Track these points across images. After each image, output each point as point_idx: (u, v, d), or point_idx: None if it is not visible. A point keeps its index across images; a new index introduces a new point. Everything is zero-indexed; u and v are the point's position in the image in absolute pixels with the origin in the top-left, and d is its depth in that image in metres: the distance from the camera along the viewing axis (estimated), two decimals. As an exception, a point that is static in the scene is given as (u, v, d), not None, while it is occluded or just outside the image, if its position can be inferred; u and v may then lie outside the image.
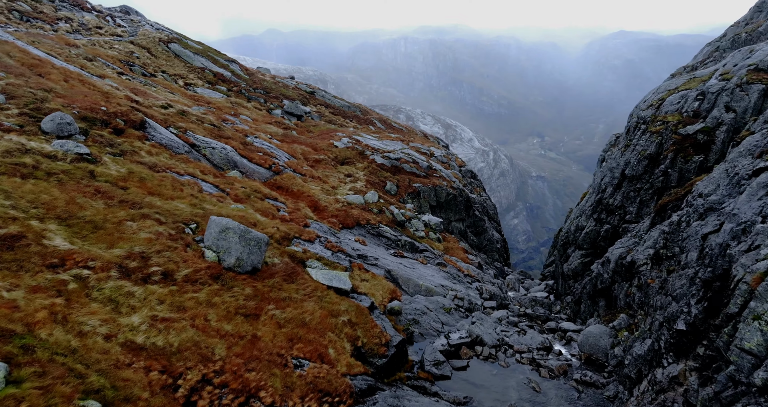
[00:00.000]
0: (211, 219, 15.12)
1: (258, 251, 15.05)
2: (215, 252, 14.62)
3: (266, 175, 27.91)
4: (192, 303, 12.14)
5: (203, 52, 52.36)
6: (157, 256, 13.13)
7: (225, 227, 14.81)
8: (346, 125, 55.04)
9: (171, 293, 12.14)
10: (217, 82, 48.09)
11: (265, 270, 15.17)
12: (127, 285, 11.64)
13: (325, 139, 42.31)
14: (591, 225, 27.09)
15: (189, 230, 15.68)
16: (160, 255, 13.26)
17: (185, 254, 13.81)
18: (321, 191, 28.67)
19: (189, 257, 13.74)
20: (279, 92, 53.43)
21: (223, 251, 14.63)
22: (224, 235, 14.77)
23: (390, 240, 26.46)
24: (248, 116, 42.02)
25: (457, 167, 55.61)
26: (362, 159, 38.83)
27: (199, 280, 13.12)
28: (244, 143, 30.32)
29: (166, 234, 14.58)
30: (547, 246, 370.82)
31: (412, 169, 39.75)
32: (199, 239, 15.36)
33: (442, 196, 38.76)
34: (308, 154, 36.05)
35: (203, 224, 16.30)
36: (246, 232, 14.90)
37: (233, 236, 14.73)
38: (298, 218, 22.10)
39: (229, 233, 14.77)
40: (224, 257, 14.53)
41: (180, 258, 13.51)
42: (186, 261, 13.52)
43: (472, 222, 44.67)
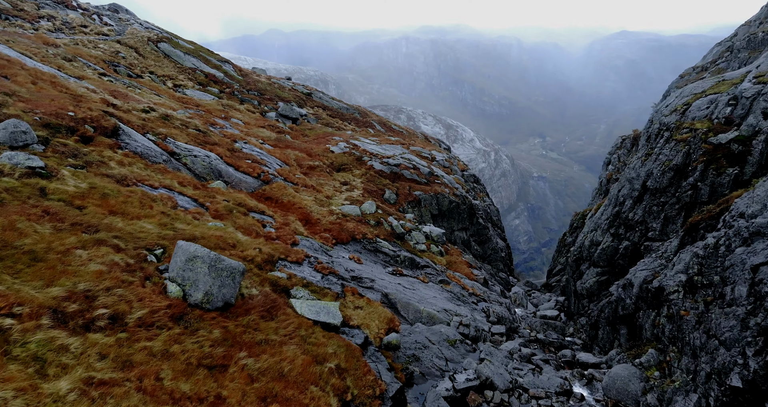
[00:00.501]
0: (177, 246, 12.95)
1: (231, 283, 12.88)
2: (180, 286, 12.45)
3: (254, 184, 25.75)
4: (143, 355, 9.96)
5: (195, 52, 50.21)
6: (105, 295, 10.96)
7: (192, 255, 12.64)
8: (344, 128, 52.88)
9: (118, 343, 9.97)
10: (209, 84, 45.93)
11: (240, 305, 13.00)
12: (61, 337, 9.47)
13: (321, 144, 40.14)
14: (608, 240, 24.88)
15: (153, 257, 13.52)
16: (110, 293, 11.10)
17: (142, 290, 11.65)
18: (314, 202, 26.50)
19: (146, 294, 11.57)
20: (274, 94, 51.25)
21: (190, 284, 12.46)
22: (191, 265, 12.60)
23: (388, 257, 24.28)
24: (240, 119, 39.88)
25: (460, 172, 53.46)
26: (360, 165, 36.67)
27: (156, 324, 10.94)
28: (231, 150, 28.17)
29: (122, 264, 12.41)
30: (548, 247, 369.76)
31: (412, 175, 37.58)
32: (163, 268, 13.20)
33: (444, 204, 36.58)
34: (302, 160, 33.89)
35: (171, 249, 14.15)
36: (217, 261, 12.73)
37: (202, 266, 12.56)
38: (285, 235, 19.92)
39: (196, 262, 12.60)
40: (190, 291, 12.36)
41: (135, 295, 11.34)
42: (142, 299, 11.35)
43: (476, 230, 42.48)
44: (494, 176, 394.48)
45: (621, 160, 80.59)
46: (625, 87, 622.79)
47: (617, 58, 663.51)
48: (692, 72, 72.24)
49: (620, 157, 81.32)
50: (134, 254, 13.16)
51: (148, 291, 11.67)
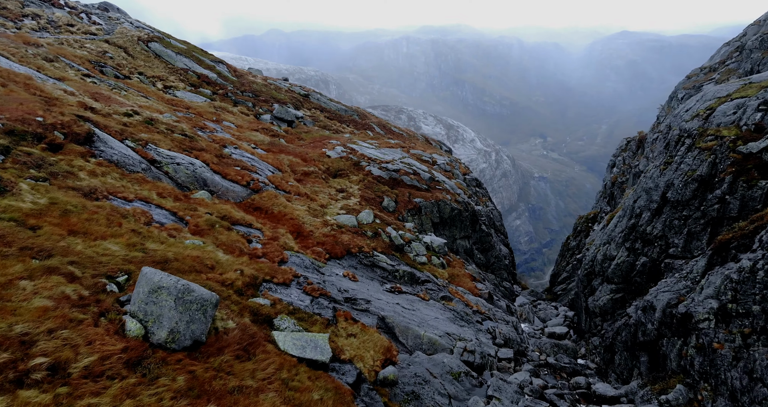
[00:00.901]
0: (141, 274, 11.23)
1: (202, 317, 11.17)
2: (141, 322, 10.74)
3: (243, 193, 24.04)
4: (85, 417, 8.28)
5: (187, 52, 48.50)
6: (47, 339, 9.25)
7: (156, 286, 10.93)
8: (342, 130, 51.18)
9: (55, 401, 8.24)
10: (201, 85, 44.23)
11: (212, 343, 11.29)
12: (-19, 398, 7.82)
13: (317, 148, 38.43)
14: (623, 255, 23.14)
15: (113, 286, 11.81)
16: (53, 336, 9.39)
17: (94, 330, 9.95)
18: (307, 212, 24.78)
19: (98, 335, 9.86)
20: (269, 95, 49.54)
21: (153, 320, 10.75)
22: (155, 297, 10.89)
23: (386, 272, 22.56)
24: (232, 122, 38.17)
25: (462, 176, 51.75)
26: (357, 171, 34.94)
27: (106, 373, 9.21)
28: (219, 156, 26.46)
29: (74, 297, 10.71)
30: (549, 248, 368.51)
31: (412, 181, 35.85)
32: (125, 299, 11.50)
33: (445, 211, 34.85)
34: (296, 165, 32.18)
35: (138, 274, 12.47)
36: (185, 292, 11.01)
37: (167, 299, 10.85)
38: (273, 251, 18.20)
39: (161, 294, 10.89)
40: (153, 329, 10.66)
41: (83, 338, 9.63)
42: (92, 342, 9.63)
43: (479, 237, 40.77)
44: (495, 176, 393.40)
45: (626, 162, 78.86)
46: (626, 87, 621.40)
47: (618, 58, 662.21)
48: (699, 72, 70.62)
49: (625, 160, 79.61)
50: (91, 283, 11.44)
51: (101, 332, 9.95)
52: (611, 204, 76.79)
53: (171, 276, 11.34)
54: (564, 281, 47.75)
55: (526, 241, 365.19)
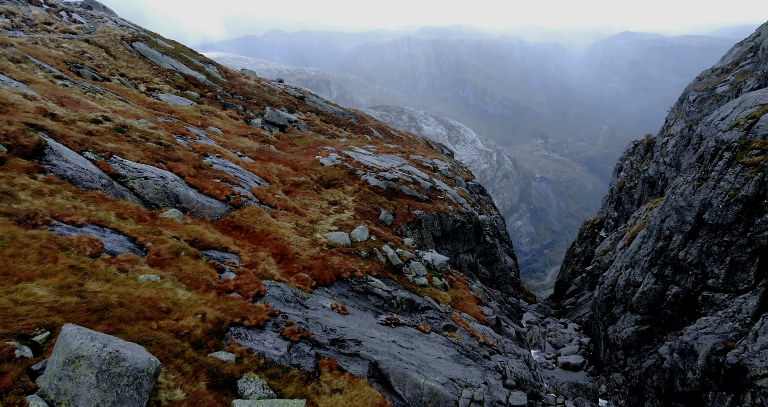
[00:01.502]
0: (60, 334, 8.72)
1: (135, 394, 8.60)
2: (53, 404, 8.23)
3: (221, 210, 21.48)
4: None
5: (175, 52, 45.95)
6: None
7: (74, 355, 8.37)
8: (339, 135, 48.61)
9: None
10: (188, 87, 41.70)
11: (149, 428, 8.79)
12: None
13: (310, 155, 35.87)
14: (649, 282, 20.54)
15: (26, 350, 9.25)
16: None
17: (-23, 425, 7.48)
18: (294, 230, 22.21)
19: (-17, 432, 7.38)
20: (262, 98, 46.98)
21: (66, 402, 8.22)
22: (71, 370, 8.34)
23: (381, 300, 19.99)
24: (219, 127, 35.64)
25: (464, 182, 49.16)
26: (352, 180, 32.38)
27: None
28: (198, 166, 23.90)
29: (-38, 373, 8.21)
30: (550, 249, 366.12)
31: (412, 191, 33.27)
32: (40, 367, 8.98)
33: (448, 224, 32.27)
34: (286, 175, 29.62)
35: (64, 330, 9.92)
36: (112, 363, 8.45)
37: (87, 372, 8.29)
38: (248, 283, 15.65)
39: (80, 366, 8.33)
40: (66, 415, 8.14)
41: (-41, 440, 7.16)
42: (-30, 445, 7.15)
43: (483, 250, 38.20)
44: (496, 177, 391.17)
45: (634, 166, 76.16)
46: (628, 88, 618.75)
47: (620, 58, 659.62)
48: (711, 74, 68.00)
49: (633, 164, 76.91)
50: (-7, 348, 8.91)
51: (-12, 427, 7.44)
52: (618, 209, 74.19)
53: (97, 338, 8.77)
54: (573, 294, 45.16)
55: (527, 242, 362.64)
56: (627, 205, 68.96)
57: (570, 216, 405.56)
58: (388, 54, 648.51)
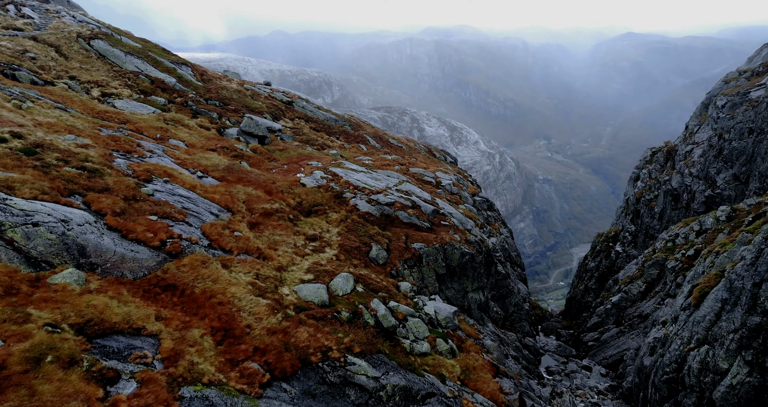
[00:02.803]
0: None
1: None
2: None
3: (150, 262, 15.91)
4: None
5: (142, 51, 40.39)
6: None
7: None
8: (330, 145, 43.05)
9: None
10: (154, 92, 36.18)
11: None
12: None
13: (291, 173, 30.31)
14: (741, 372, 14.91)
15: None
16: None
17: None
18: (251, 287, 16.63)
19: None
20: (242, 104, 41.43)
21: None
22: None
23: (365, 394, 14.39)
24: (183, 140, 30.11)
25: (470, 198, 43.56)
26: (339, 205, 26.80)
27: None
28: (131, 198, 18.35)
29: None
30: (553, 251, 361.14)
31: (410, 218, 27.69)
32: None
33: (454, 258, 26.68)
34: (255, 201, 24.06)
35: None
36: None
37: None
38: (150, 405, 10.09)
39: None
40: None
41: None
42: None
43: (495, 282, 32.66)
44: (499, 179, 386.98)
45: (653, 176, 70.29)
46: (631, 89, 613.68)
47: (623, 59, 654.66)
48: (739, 77, 62.31)
49: (651, 173, 71.03)
50: None
51: None
52: (636, 223, 68.44)
53: None
54: (595, 328, 39.54)
55: (530, 244, 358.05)
56: (647, 219, 63.26)
57: (573, 218, 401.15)
58: (391, 55, 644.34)
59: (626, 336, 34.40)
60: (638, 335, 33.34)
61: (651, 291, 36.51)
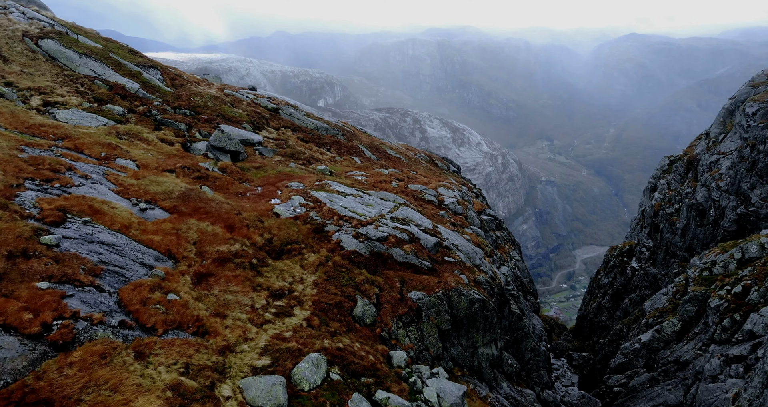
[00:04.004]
0: None
1: None
2: None
3: (20, 362, 10.81)
4: None
5: (101, 53, 35.34)
6: None
7: None
8: (319, 158, 37.97)
9: None
10: (112, 99, 31.15)
11: None
12: None
13: (264, 198, 25.19)
14: None
15: None
16: None
17: None
18: (169, 393, 11.50)
19: None
20: (218, 112, 36.35)
21: None
22: None
23: None
24: (135, 159, 25.04)
25: (477, 218, 38.46)
26: (319, 242, 21.67)
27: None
28: (18, 254, 13.28)
29: None
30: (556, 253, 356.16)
31: (407, 256, 22.56)
32: None
33: (461, 307, 21.56)
34: (211, 242, 18.96)
35: None
36: None
37: None
38: None
39: None
40: None
41: None
42: None
43: (509, 325, 27.56)
44: (501, 180, 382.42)
45: (672, 187, 64.80)
46: (634, 90, 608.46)
47: (626, 60, 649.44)
48: (766, 79, 57.27)
49: (670, 184, 65.52)
50: None
51: None
52: (654, 237, 63.06)
53: None
54: (622, 370, 34.35)
55: (533, 246, 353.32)
56: (667, 234, 57.98)
57: (576, 220, 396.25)
58: (393, 56, 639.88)
59: (661, 386, 29.32)
60: (676, 387, 28.26)
61: (688, 332, 31.44)
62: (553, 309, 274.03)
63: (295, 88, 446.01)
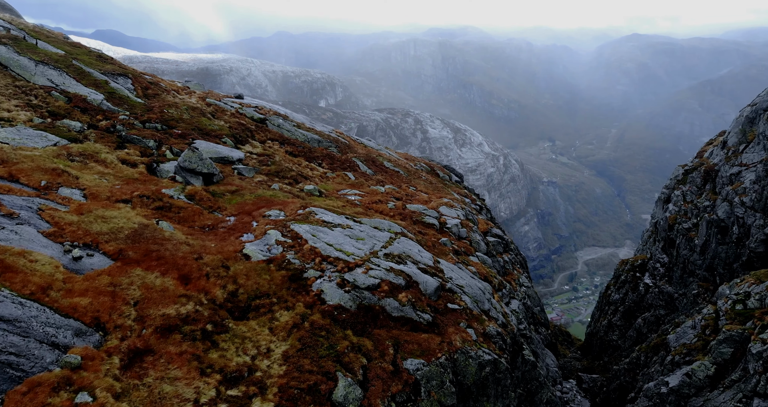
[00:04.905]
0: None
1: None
2: None
3: None
4: None
5: (63, 60, 31.54)
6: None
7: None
8: (308, 176, 34.17)
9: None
10: (70, 113, 27.40)
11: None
12: None
13: (234, 234, 21.37)
14: None
15: None
16: None
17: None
18: None
19: None
20: (194, 125, 32.55)
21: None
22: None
23: None
24: (84, 187, 21.25)
25: (482, 241, 34.64)
26: (295, 294, 17.85)
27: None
28: None
29: None
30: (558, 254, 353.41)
31: (403, 309, 18.73)
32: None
33: (468, 372, 17.77)
34: (156, 302, 15.18)
35: None
36: None
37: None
38: None
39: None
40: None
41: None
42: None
43: (521, 375, 23.76)
44: (503, 181, 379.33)
45: (688, 199, 60.71)
46: (636, 90, 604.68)
47: (628, 60, 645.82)
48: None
49: (686, 196, 61.42)
50: None
51: None
52: (669, 253, 59.10)
53: None
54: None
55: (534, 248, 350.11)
56: (684, 251, 54.10)
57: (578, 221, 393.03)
58: (394, 56, 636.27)
59: (696, 442, 25.62)
60: (714, 445, 24.54)
61: (724, 378, 27.73)
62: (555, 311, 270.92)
63: (296, 88, 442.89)
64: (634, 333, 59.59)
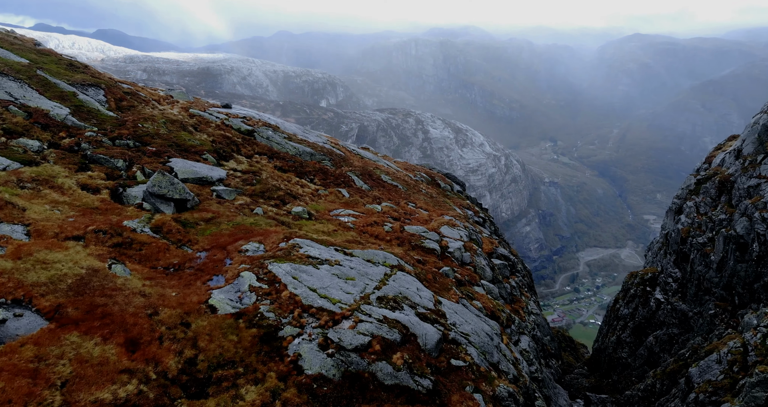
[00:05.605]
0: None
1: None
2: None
3: None
4: None
5: (25, 70, 28.53)
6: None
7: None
8: (299, 195, 31.21)
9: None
10: (28, 131, 24.45)
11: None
12: None
13: (202, 277, 18.40)
14: None
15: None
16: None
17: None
18: None
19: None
20: (172, 141, 29.59)
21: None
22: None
23: None
24: (29, 222, 18.30)
25: (488, 267, 31.65)
26: (267, 361, 14.88)
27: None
28: None
29: None
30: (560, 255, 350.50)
31: (397, 375, 15.76)
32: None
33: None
34: (89, 381, 12.23)
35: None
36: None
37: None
38: None
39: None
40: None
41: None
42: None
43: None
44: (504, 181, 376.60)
45: (702, 211, 57.45)
46: (638, 90, 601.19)
47: (630, 61, 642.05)
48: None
49: (699, 207, 58.14)
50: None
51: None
52: (682, 267, 56.01)
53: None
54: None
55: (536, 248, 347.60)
56: (699, 267, 51.12)
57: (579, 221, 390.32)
58: (396, 56, 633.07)
59: None
60: None
61: (759, 427, 24.90)
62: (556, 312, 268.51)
63: (297, 88, 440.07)
64: (645, 351, 56.76)
